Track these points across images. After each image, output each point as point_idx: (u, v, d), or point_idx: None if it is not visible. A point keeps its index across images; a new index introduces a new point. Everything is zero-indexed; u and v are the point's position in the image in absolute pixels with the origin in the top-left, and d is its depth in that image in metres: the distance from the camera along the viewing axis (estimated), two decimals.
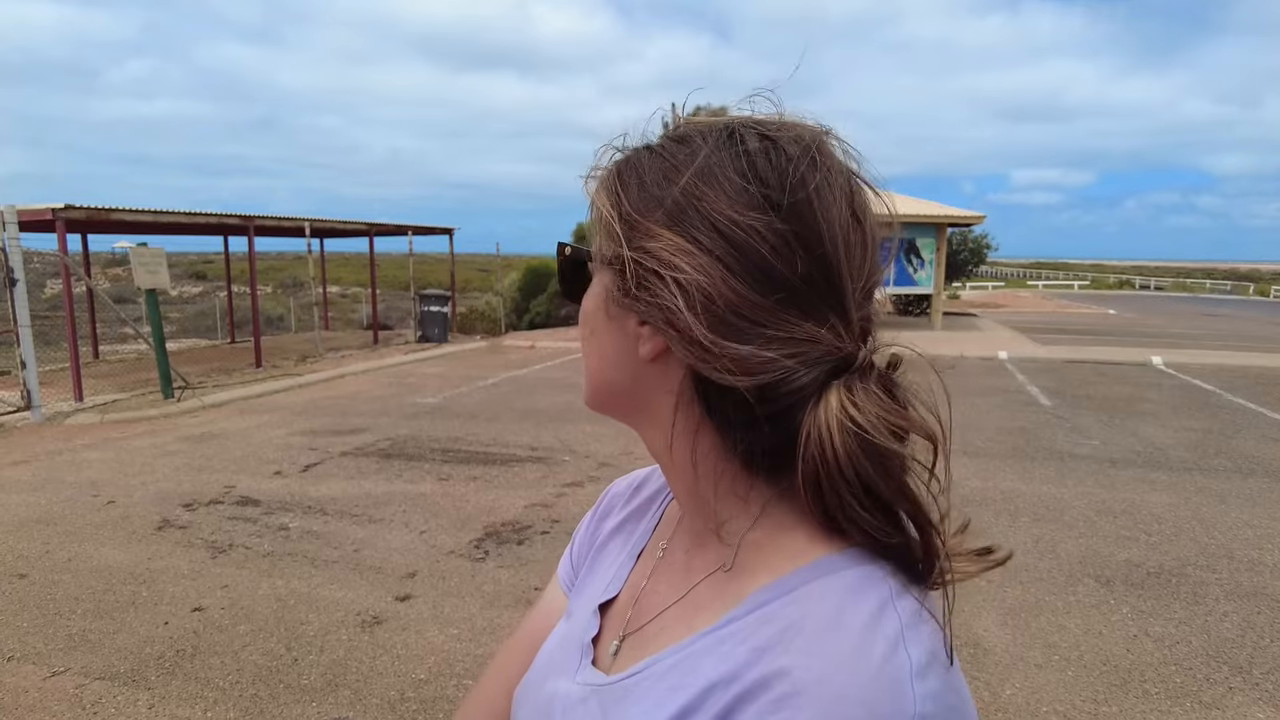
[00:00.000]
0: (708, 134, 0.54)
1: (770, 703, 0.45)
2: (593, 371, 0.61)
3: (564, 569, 0.80)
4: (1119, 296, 41.78)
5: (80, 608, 3.88)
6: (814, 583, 0.50)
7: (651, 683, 0.54)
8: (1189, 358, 13.14)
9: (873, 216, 0.54)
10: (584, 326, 0.61)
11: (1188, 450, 6.91)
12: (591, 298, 0.60)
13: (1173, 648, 3.42)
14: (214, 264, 37.71)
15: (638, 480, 0.79)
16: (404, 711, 3.00)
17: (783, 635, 0.48)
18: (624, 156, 0.58)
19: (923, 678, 0.44)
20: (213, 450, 7.13)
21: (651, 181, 0.54)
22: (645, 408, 0.58)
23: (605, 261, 0.56)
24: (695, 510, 0.59)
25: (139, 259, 9.91)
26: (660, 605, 0.61)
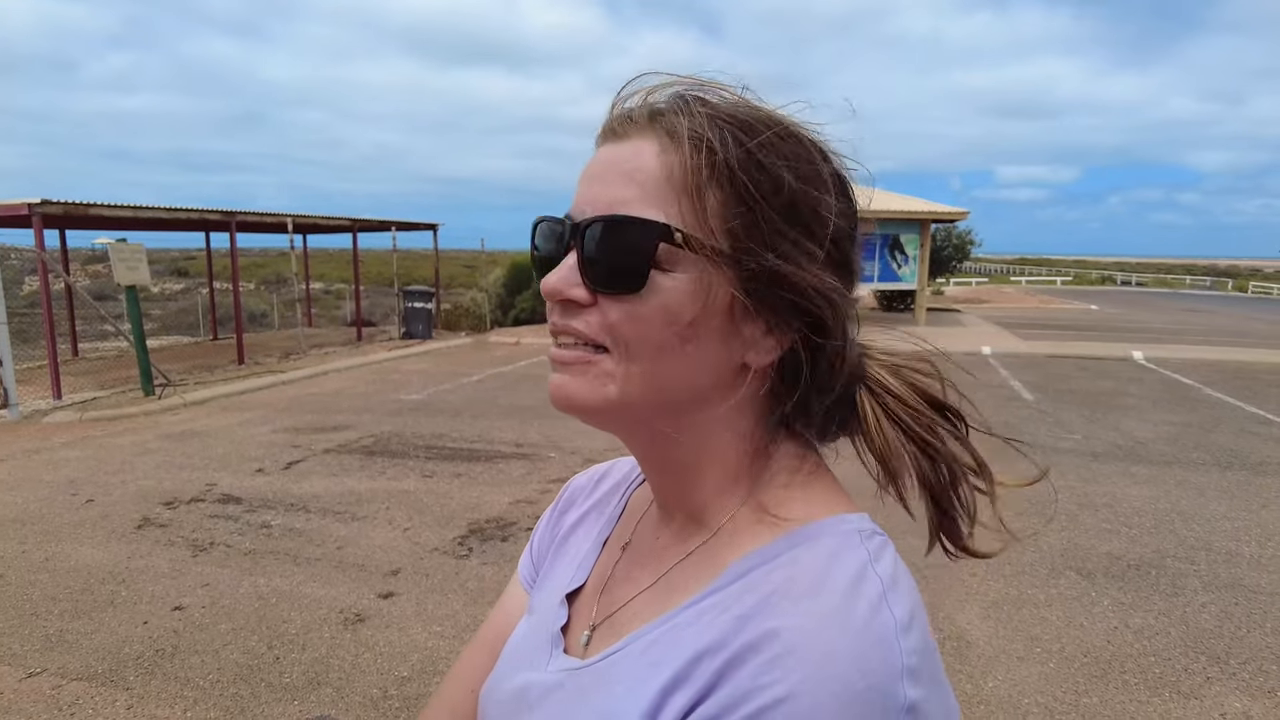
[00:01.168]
0: (801, 134, 0.53)
1: (762, 664, 0.45)
2: (670, 380, 0.53)
3: (524, 567, 0.79)
4: (1101, 292, 42.17)
5: (58, 608, 3.83)
6: (794, 549, 0.51)
7: (631, 660, 0.54)
8: (1169, 353, 13.28)
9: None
10: (668, 329, 0.51)
11: (1168, 444, 6.99)
12: (693, 300, 0.51)
13: (1152, 639, 3.45)
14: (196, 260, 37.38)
15: (598, 474, 0.79)
16: (387, 709, 2.98)
17: (767, 600, 0.49)
18: (735, 135, 0.51)
19: (906, 633, 0.46)
20: (194, 448, 7.07)
21: (788, 186, 0.51)
22: (699, 413, 0.55)
23: (729, 261, 0.51)
24: (687, 501, 0.59)
25: (118, 255, 9.80)
26: (632, 591, 0.61)
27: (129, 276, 9.85)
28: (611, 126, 0.55)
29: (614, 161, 0.53)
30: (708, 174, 0.50)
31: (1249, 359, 12.74)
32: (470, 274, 29.89)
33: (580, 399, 0.53)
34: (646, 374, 0.52)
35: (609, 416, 0.54)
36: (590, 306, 0.52)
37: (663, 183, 0.51)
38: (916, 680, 0.45)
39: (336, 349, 14.75)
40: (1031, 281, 54.56)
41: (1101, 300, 33.14)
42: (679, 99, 0.53)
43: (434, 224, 18.28)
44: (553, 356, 0.55)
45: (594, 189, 0.53)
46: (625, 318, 0.51)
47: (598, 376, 0.53)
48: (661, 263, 0.50)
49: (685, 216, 0.50)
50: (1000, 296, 34.00)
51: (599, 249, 0.51)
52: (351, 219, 16.41)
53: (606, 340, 0.52)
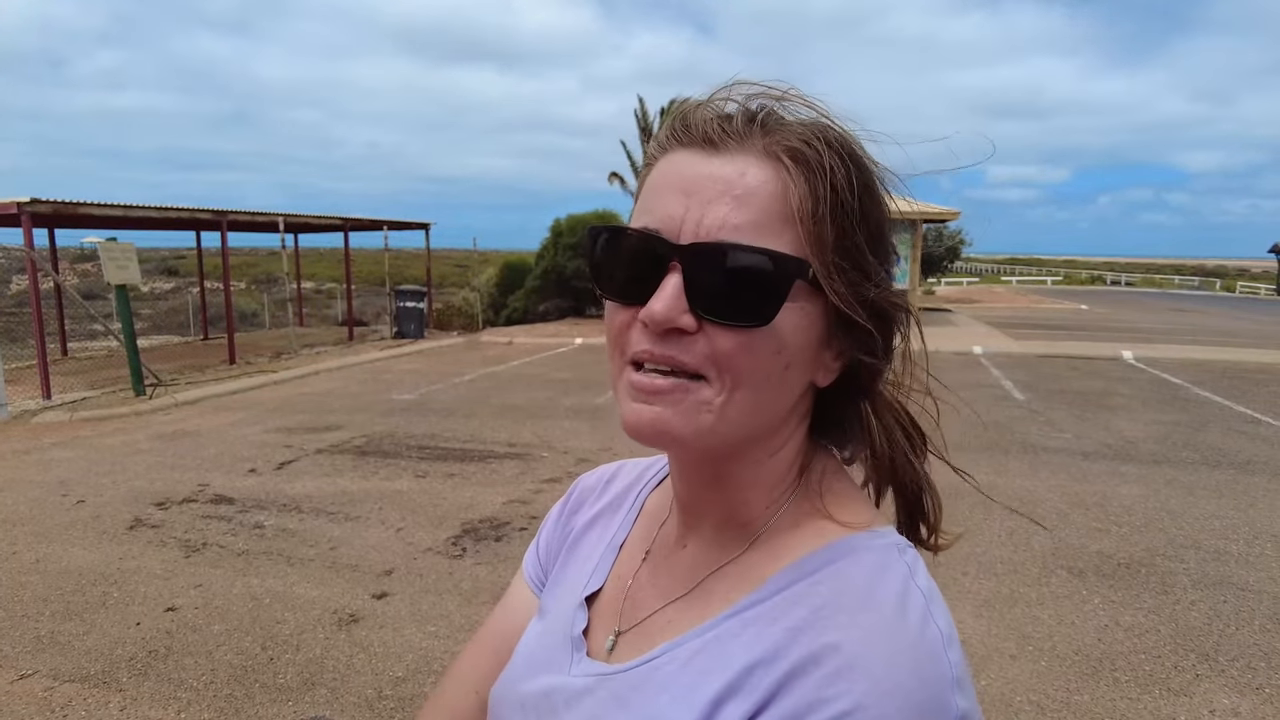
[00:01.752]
0: (869, 161, 0.54)
1: (825, 677, 0.46)
2: (769, 408, 0.53)
3: (531, 567, 0.78)
4: (1091, 292, 42.38)
5: (49, 609, 3.82)
6: (836, 564, 0.53)
7: (676, 667, 0.54)
8: (1159, 352, 13.37)
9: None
10: (777, 359, 0.50)
11: (1157, 443, 7.03)
12: (803, 331, 0.51)
13: (1142, 637, 3.48)
14: (186, 260, 37.17)
15: (607, 474, 0.78)
16: (381, 709, 2.98)
17: (819, 614, 0.50)
18: (846, 165, 0.50)
19: (950, 645, 0.48)
20: (186, 448, 7.04)
21: (876, 221, 0.53)
22: (773, 435, 0.56)
23: (841, 292, 0.51)
24: (722, 511, 0.59)
25: (108, 254, 9.75)
26: (661, 598, 0.61)
27: (119, 276, 9.80)
28: (705, 134, 0.51)
29: (717, 177, 0.50)
30: (828, 206, 0.49)
31: (1237, 358, 12.83)
32: (462, 273, 29.83)
33: (677, 430, 0.50)
34: (747, 403, 0.51)
35: (703, 448, 0.52)
36: (694, 335, 0.49)
37: (781, 209, 0.49)
38: (963, 690, 0.47)
39: (328, 349, 14.71)
40: (1022, 281, 54.80)
41: (1091, 300, 33.31)
42: (778, 116, 0.52)
43: (426, 223, 18.24)
44: (640, 385, 0.51)
45: (695, 206, 0.49)
46: (739, 349, 0.49)
47: (694, 405, 0.50)
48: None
49: (808, 247, 0.49)
50: (991, 296, 34.15)
51: (719, 277, 0.48)
52: (343, 218, 16.36)
53: (709, 370, 0.50)
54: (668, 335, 0.50)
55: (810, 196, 0.49)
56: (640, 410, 0.51)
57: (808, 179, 0.49)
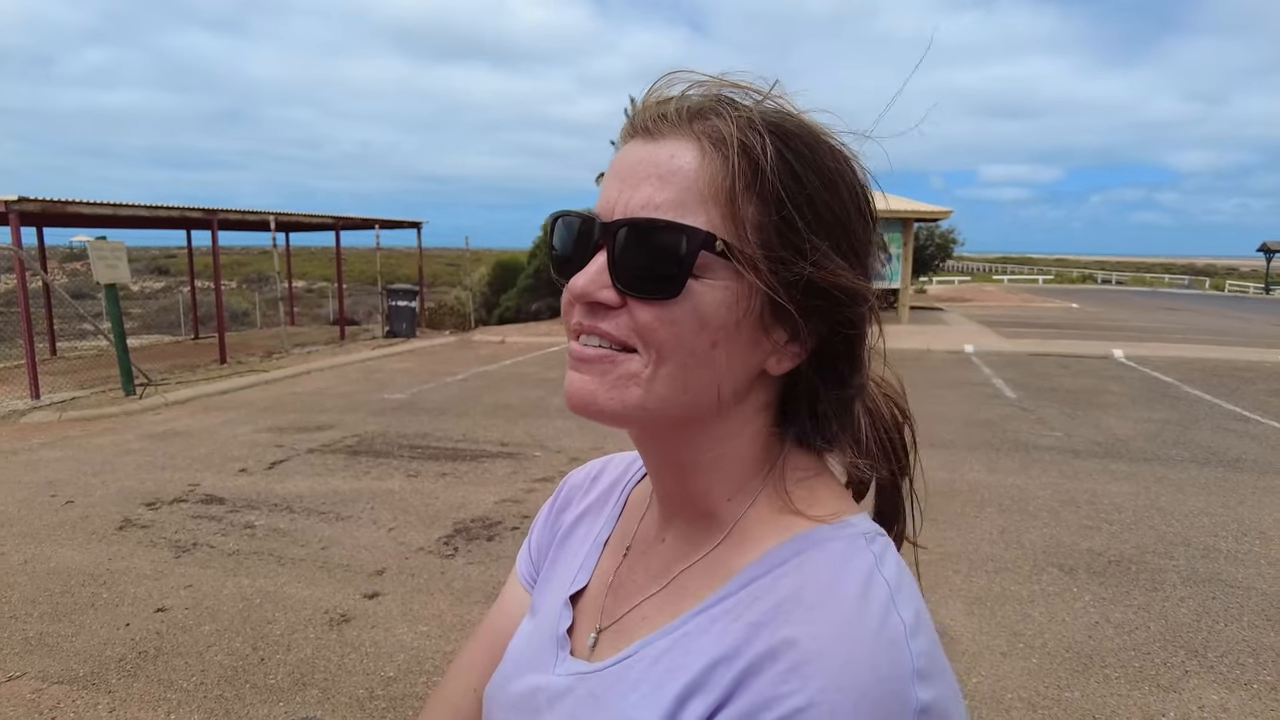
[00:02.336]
0: (832, 145, 0.54)
1: (781, 673, 0.46)
2: (697, 385, 0.52)
3: (523, 565, 0.79)
4: (1082, 291, 42.60)
5: (37, 610, 3.79)
6: (801, 555, 0.52)
7: (646, 665, 0.54)
8: (1149, 350, 13.44)
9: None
10: (700, 334, 0.51)
11: (1147, 441, 7.07)
12: (726, 307, 0.51)
13: (1132, 633, 3.50)
14: (177, 259, 36.99)
15: (594, 471, 0.78)
16: (373, 709, 2.97)
17: (780, 608, 0.49)
18: (775, 144, 0.50)
19: (915, 636, 0.47)
20: (176, 448, 7.00)
21: (820, 198, 0.51)
22: (717, 418, 0.55)
23: (764, 270, 0.50)
24: (691, 502, 0.59)
25: (97, 253, 9.69)
26: (639, 593, 0.61)
27: (108, 275, 9.74)
28: (644, 124, 0.54)
29: (647, 161, 0.52)
30: (747, 182, 0.50)
31: (1226, 357, 12.92)
32: (454, 272, 29.79)
33: (603, 402, 0.52)
34: (674, 378, 0.51)
35: (630, 421, 0.53)
36: (618, 309, 0.51)
37: (702, 188, 0.50)
38: (926, 681, 0.46)
39: (319, 348, 14.66)
40: (1014, 280, 55.03)
41: (1082, 299, 33.48)
42: (717, 101, 0.53)
43: (418, 222, 18.20)
44: (574, 352, 0.54)
45: (626, 189, 0.52)
46: (657, 321, 0.50)
47: (621, 378, 0.52)
48: (697, 269, 0.50)
49: (724, 224, 0.50)
50: (982, 295, 34.29)
51: (634, 252, 0.50)
52: (335, 217, 16.30)
53: (636, 342, 0.51)
54: (595, 309, 0.52)
55: (728, 175, 0.50)
56: (572, 380, 0.53)
57: (726, 158, 0.50)
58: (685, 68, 0.55)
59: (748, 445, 0.57)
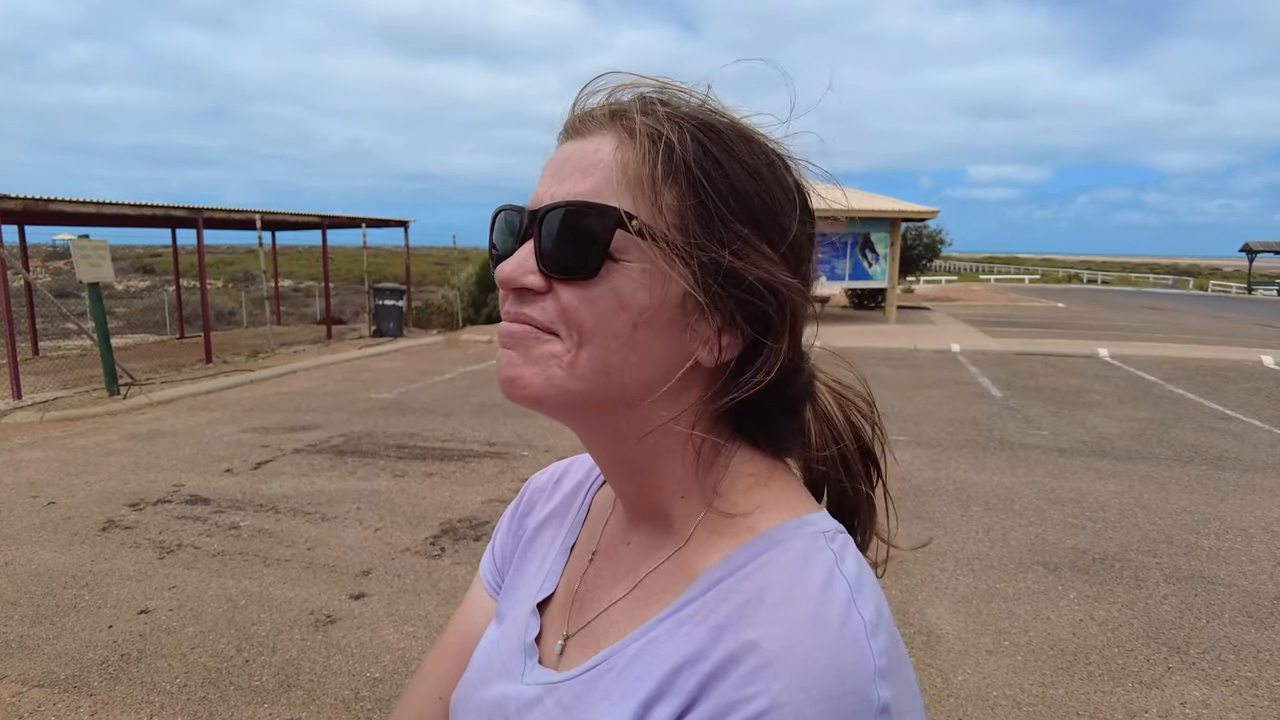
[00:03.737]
0: (760, 140, 0.54)
1: (744, 676, 0.46)
2: (620, 368, 0.52)
3: (487, 571, 0.78)
4: (1068, 290, 42.90)
5: (18, 613, 3.75)
6: (762, 556, 0.52)
7: (615, 674, 0.54)
8: (1133, 350, 13.55)
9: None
10: (620, 316, 0.51)
11: (1132, 439, 7.13)
12: (646, 289, 0.51)
13: (1115, 630, 3.53)
14: (162, 258, 36.72)
15: (557, 473, 0.78)
16: (358, 711, 2.96)
17: (742, 610, 0.49)
18: (694, 134, 0.52)
19: (875, 635, 0.47)
20: (161, 448, 6.94)
21: (744, 187, 0.52)
22: (650, 409, 0.54)
23: (682, 255, 0.51)
24: (650, 504, 0.59)
25: (81, 252, 9.59)
26: (606, 599, 0.61)
27: (92, 274, 9.65)
28: (573, 123, 0.56)
29: (574, 156, 0.54)
30: (664, 169, 0.51)
31: (1209, 356, 13.03)
32: (442, 271, 29.68)
33: (528, 379, 0.53)
34: (595, 360, 0.52)
35: (556, 403, 0.54)
36: (545, 294, 0.52)
37: (618, 175, 0.51)
38: (887, 680, 0.46)
39: (306, 347, 14.57)
40: (1000, 279, 55.34)
41: (1068, 298, 33.71)
42: (640, 98, 0.54)
43: (405, 220, 18.12)
44: (501, 330, 0.55)
45: (552, 183, 0.54)
46: (578, 302, 0.51)
47: (543, 358, 0.52)
48: (616, 252, 0.51)
49: (641, 208, 0.51)
50: (969, 294, 34.47)
51: (555, 236, 0.51)
52: (321, 216, 16.21)
53: (559, 327, 0.52)
54: (522, 296, 0.54)
55: (645, 163, 0.51)
56: (502, 361, 0.55)
57: (643, 148, 0.51)
58: (618, 69, 0.56)
59: (692, 442, 0.57)
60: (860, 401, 0.64)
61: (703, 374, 0.55)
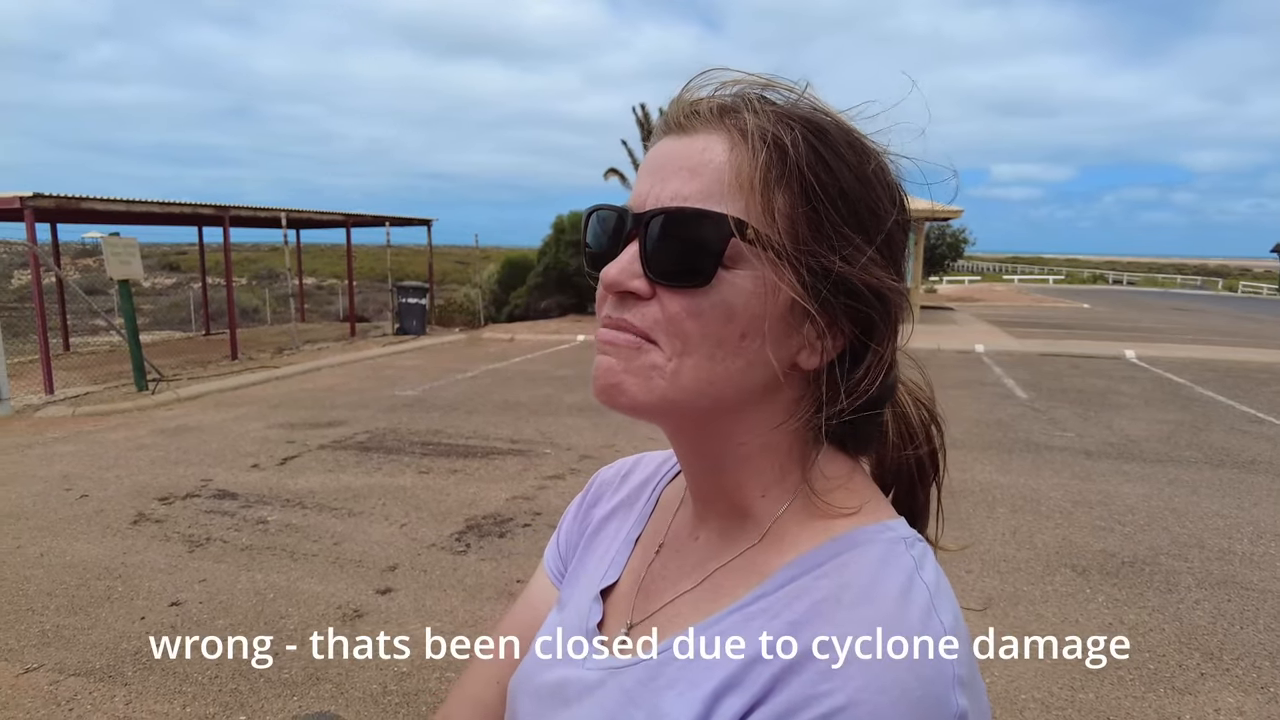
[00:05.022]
0: (865, 140, 0.54)
1: (820, 673, 0.46)
2: (724, 377, 0.52)
3: (551, 559, 0.79)
4: (1093, 291, 42.36)
5: (54, 603, 3.82)
6: (841, 556, 0.52)
7: (683, 664, 0.54)
8: (1161, 351, 13.36)
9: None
10: (728, 326, 0.50)
11: (1160, 442, 7.03)
12: (757, 298, 0.50)
13: (1146, 635, 3.48)
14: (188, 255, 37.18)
15: (625, 468, 0.78)
16: (386, 705, 2.98)
17: (818, 609, 0.49)
18: (805, 136, 0.51)
19: (954, 642, 0.47)
20: (188, 443, 7.04)
21: (853, 192, 0.51)
22: (747, 413, 0.54)
23: (792, 262, 0.50)
24: (728, 501, 0.59)
25: (111, 249, 9.75)
26: (672, 590, 0.61)
27: (122, 271, 9.80)
28: (677, 120, 0.54)
29: (678, 155, 0.52)
30: (777, 173, 0.50)
31: (1240, 358, 12.83)
32: (463, 270, 29.86)
33: (629, 389, 0.52)
34: (699, 370, 0.51)
35: (655, 412, 0.53)
36: (648, 300, 0.52)
37: (730, 179, 0.50)
38: (965, 688, 0.46)
39: (330, 344, 14.71)
40: (1024, 280, 54.77)
41: (1093, 299, 33.30)
42: (747, 96, 0.53)
43: (428, 219, 18.24)
44: (599, 336, 0.54)
45: (657, 182, 0.52)
46: (685, 312, 0.50)
47: (644, 368, 0.51)
48: (728, 259, 0.50)
49: (753, 213, 0.50)
50: (993, 295, 34.13)
51: (665, 242, 0.50)
52: (345, 214, 16.35)
53: (659, 335, 0.51)
54: (625, 300, 0.52)
55: (757, 165, 0.50)
56: (599, 363, 0.53)
57: (755, 150, 0.50)
58: (720, 65, 0.55)
59: (780, 441, 0.56)
60: (928, 401, 0.64)
61: (800, 376, 0.55)
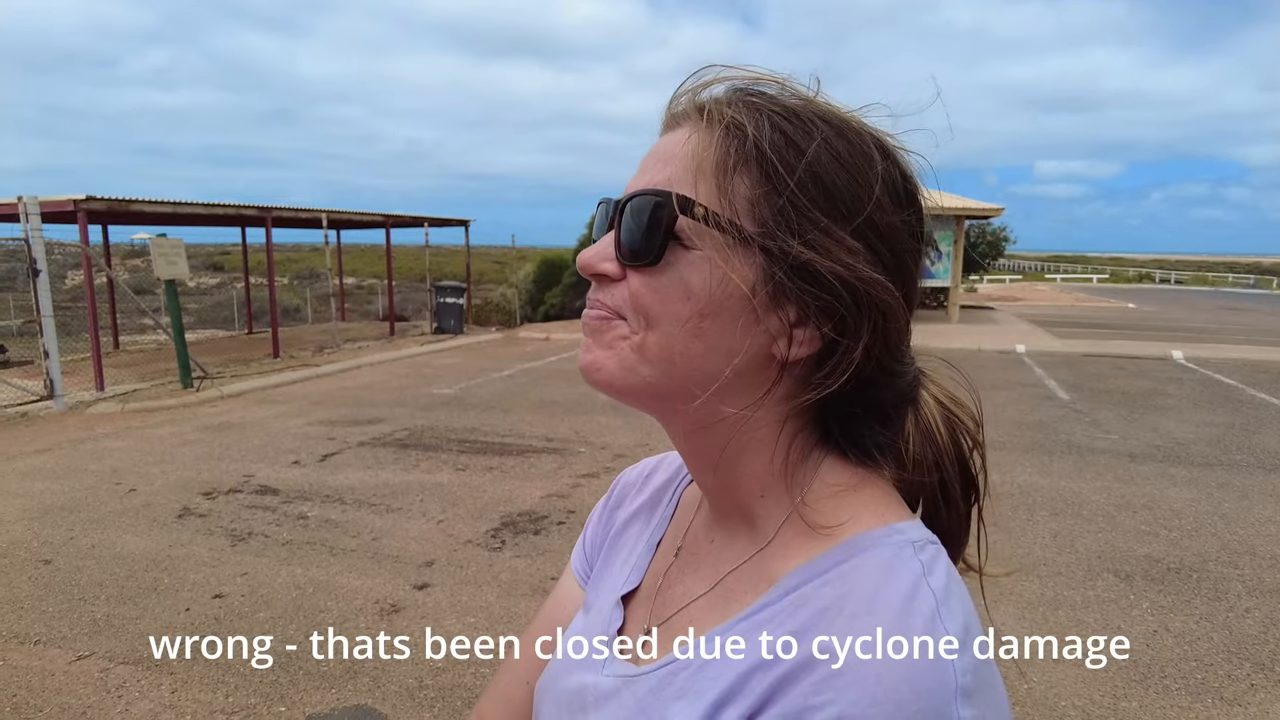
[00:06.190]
0: (858, 127, 0.53)
1: (815, 684, 0.45)
2: (685, 357, 0.52)
3: (577, 561, 0.79)
4: (1138, 290, 41.35)
5: (104, 593, 3.94)
6: (846, 563, 0.51)
7: (691, 673, 0.54)
8: (1210, 352, 13.00)
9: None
10: (685, 304, 0.51)
11: (1209, 445, 6.84)
12: (710, 277, 0.51)
13: (1194, 644, 3.39)
14: (231, 255, 38.00)
15: (647, 469, 0.78)
16: (422, 699, 3.02)
17: (821, 617, 0.48)
18: (775, 121, 0.51)
19: (960, 652, 0.45)
20: (231, 439, 7.20)
21: (828, 175, 0.50)
22: (725, 401, 0.53)
23: (751, 241, 0.50)
24: (731, 500, 0.59)
25: (159, 250, 10.01)
26: (688, 595, 0.61)
27: (169, 271, 10.05)
28: (666, 117, 0.57)
29: (660, 148, 0.55)
30: (736, 155, 0.50)
31: None
32: (499, 270, 30.10)
33: (603, 363, 0.54)
34: (662, 346, 0.52)
35: (629, 389, 0.54)
36: (619, 281, 0.54)
37: (693, 163, 0.51)
38: (971, 700, 0.44)
39: (369, 343, 14.93)
40: (1066, 279, 53.65)
41: (1139, 298, 32.50)
42: (729, 89, 0.54)
43: (466, 220, 18.42)
44: (583, 320, 0.57)
45: (639, 175, 0.55)
46: (644, 289, 0.52)
47: (615, 340, 0.54)
48: (682, 238, 0.51)
49: (711, 195, 0.50)
50: (1034, 294, 33.49)
51: (629, 224, 0.53)
52: (385, 215, 16.58)
53: (627, 311, 0.53)
54: (601, 282, 0.55)
55: (715, 150, 0.51)
56: (581, 345, 0.57)
57: (716, 135, 0.51)
58: (718, 63, 0.55)
59: (769, 438, 0.55)
60: (969, 421, 0.62)
61: (778, 370, 0.53)
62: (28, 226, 8.66)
